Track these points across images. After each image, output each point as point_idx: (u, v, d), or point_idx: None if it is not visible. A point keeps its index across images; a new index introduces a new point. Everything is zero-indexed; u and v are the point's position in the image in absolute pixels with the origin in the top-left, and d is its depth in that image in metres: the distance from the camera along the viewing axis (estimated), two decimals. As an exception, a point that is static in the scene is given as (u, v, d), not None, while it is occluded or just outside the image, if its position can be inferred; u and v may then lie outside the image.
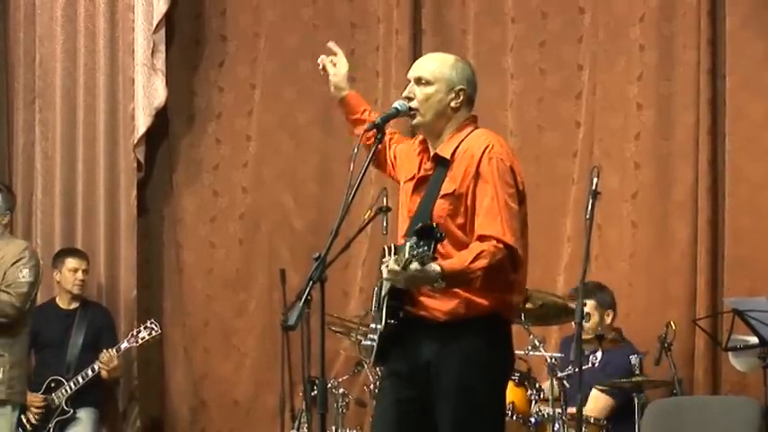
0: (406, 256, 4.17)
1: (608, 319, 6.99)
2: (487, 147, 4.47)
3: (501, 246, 4.35)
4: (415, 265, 4.17)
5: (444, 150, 4.53)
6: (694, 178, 7.23)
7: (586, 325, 6.84)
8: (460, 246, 4.40)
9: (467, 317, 4.42)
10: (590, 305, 6.86)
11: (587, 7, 7.59)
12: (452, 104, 4.56)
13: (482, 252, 4.32)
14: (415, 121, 4.58)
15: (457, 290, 4.40)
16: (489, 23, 7.79)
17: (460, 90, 4.56)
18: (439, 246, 4.17)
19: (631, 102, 7.42)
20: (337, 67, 5.02)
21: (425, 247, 4.13)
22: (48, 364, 7.95)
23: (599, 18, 7.54)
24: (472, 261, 4.32)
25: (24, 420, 7.71)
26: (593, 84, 7.53)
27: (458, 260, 4.34)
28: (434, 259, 4.19)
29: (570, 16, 7.63)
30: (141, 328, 7.64)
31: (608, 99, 7.50)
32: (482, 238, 4.37)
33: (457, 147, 4.51)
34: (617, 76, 7.48)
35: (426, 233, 4.15)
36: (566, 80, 7.64)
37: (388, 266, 4.27)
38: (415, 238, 4.15)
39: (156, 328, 7.59)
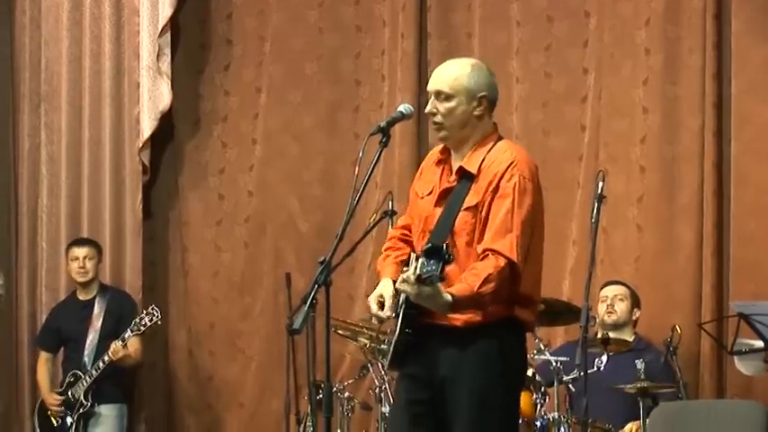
0: (418, 271, 4.21)
1: (635, 315, 7.05)
2: (511, 163, 4.48)
3: (506, 262, 4.37)
4: (427, 289, 4.20)
5: (470, 164, 4.53)
6: (700, 182, 7.23)
7: (621, 306, 6.92)
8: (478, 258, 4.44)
9: (483, 323, 4.45)
10: (623, 291, 7.06)
11: (593, 11, 7.58)
12: (476, 113, 4.56)
13: (489, 275, 4.35)
14: (441, 135, 4.59)
15: None
16: (495, 27, 7.78)
17: (482, 97, 4.56)
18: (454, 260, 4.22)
19: (637, 105, 7.41)
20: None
21: (433, 267, 4.16)
22: (70, 359, 7.93)
23: (604, 22, 7.54)
24: (481, 285, 4.35)
25: (53, 420, 7.76)
26: (599, 87, 7.52)
27: (466, 286, 4.36)
28: (442, 280, 4.22)
29: (576, 20, 7.63)
30: (144, 315, 7.61)
31: (613, 103, 7.49)
32: (488, 252, 4.39)
33: (482, 160, 4.51)
34: (622, 80, 7.47)
35: (435, 254, 4.16)
36: (571, 84, 7.63)
37: (404, 275, 4.30)
38: (423, 258, 4.17)
39: (156, 314, 7.55)
